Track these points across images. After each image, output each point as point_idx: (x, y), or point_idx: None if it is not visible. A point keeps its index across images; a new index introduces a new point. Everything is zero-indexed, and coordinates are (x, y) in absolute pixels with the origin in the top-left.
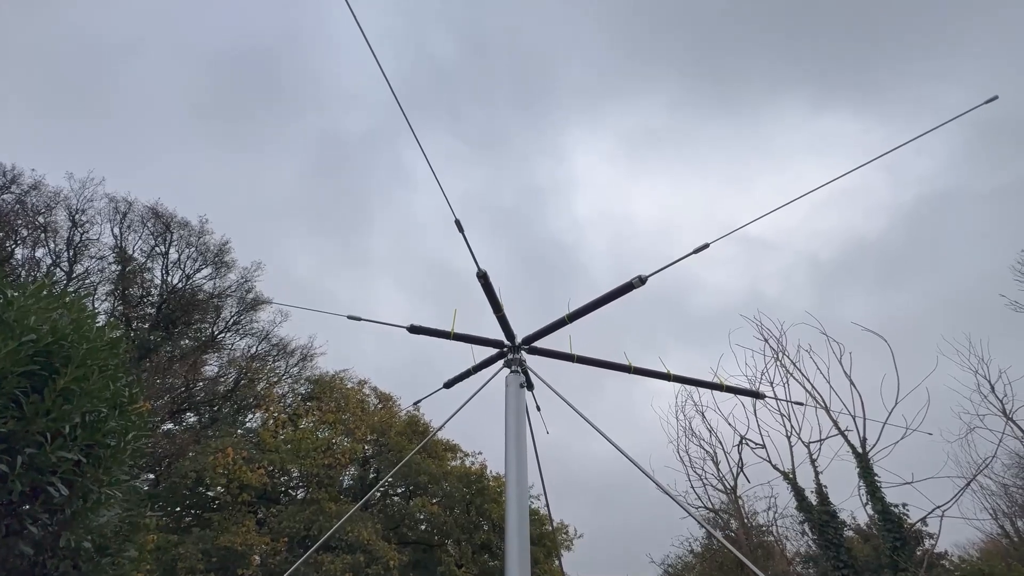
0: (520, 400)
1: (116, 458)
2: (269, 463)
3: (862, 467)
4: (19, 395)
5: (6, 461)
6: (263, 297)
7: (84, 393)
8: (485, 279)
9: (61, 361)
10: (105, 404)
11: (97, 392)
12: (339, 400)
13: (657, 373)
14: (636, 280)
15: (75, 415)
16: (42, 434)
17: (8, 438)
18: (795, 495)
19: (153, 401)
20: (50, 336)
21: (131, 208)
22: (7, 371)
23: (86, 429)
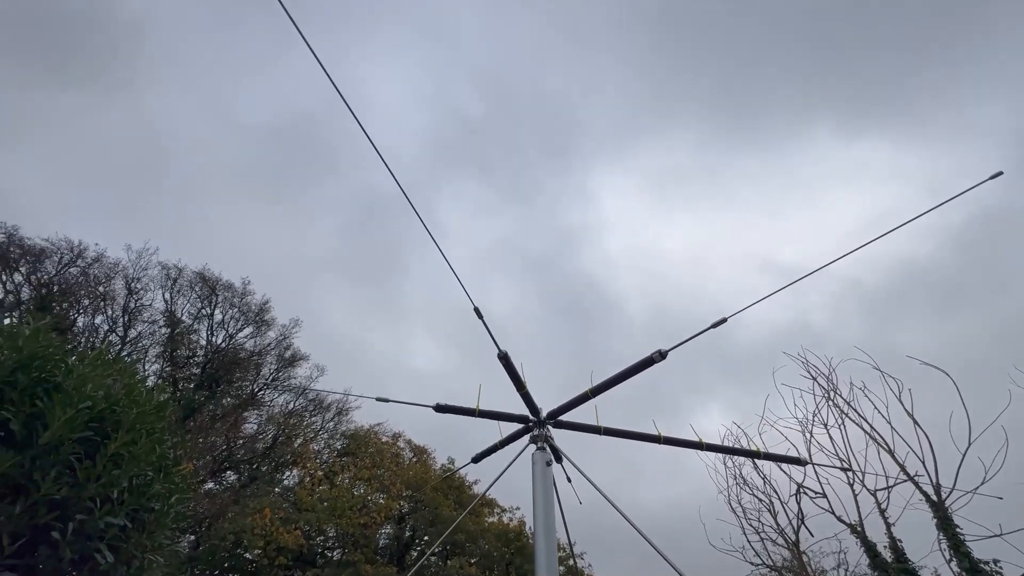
0: (547, 478)
1: (160, 522)
2: (306, 523)
3: (940, 517)
4: (73, 461)
5: (59, 528)
6: (301, 354)
7: (132, 457)
8: (506, 359)
9: (112, 426)
10: (151, 467)
11: (144, 456)
12: (374, 455)
13: (688, 443)
14: (656, 355)
15: (123, 480)
16: (92, 499)
17: (61, 504)
18: (866, 551)
19: (195, 461)
20: (104, 402)
21: (181, 274)
22: (64, 438)
23: (133, 493)
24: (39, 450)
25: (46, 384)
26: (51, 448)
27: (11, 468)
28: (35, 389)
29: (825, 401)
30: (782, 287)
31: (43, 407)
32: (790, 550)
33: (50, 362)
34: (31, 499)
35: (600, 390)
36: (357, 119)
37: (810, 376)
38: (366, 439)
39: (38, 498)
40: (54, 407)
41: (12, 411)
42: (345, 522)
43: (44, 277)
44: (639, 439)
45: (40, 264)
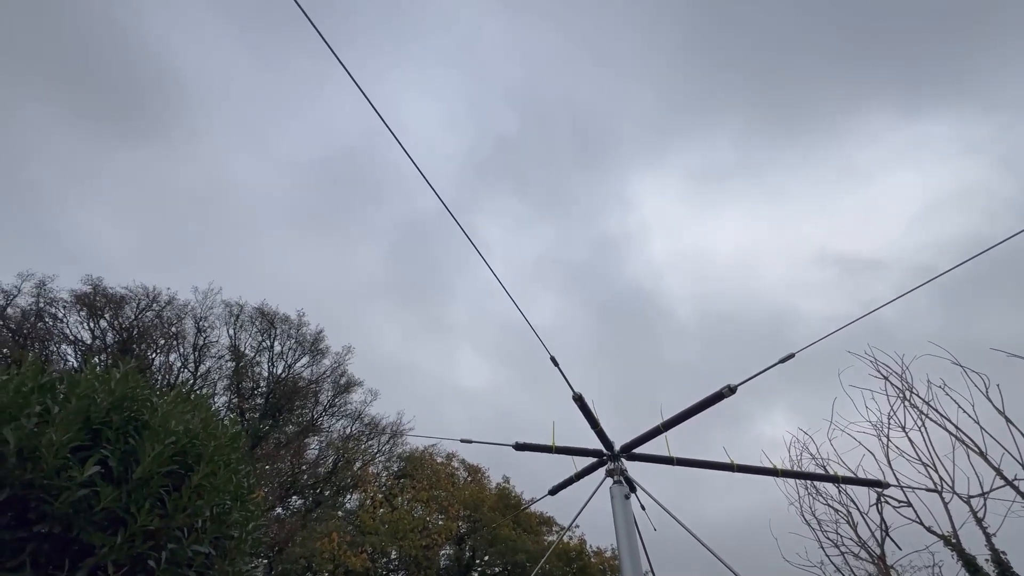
0: (627, 511)
1: (239, 548)
2: (370, 545)
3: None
4: (163, 493)
5: (154, 557)
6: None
7: (213, 488)
8: (581, 401)
9: (194, 459)
10: (229, 497)
11: (223, 486)
12: (430, 476)
13: (762, 469)
14: (726, 390)
15: (206, 509)
16: (180, 529)
17: (155, 535)
18: (964, 565)
19: (264, 488)
20: (185, 437)
21: (242, 310)
22: (154, 472)
23: (214, 522)
24: (134, 484)
25: (136, 422)
26: (143, 482)
27: (112, 502)
28: (127, 427)
29: (901, 402)
30: (848, 323)
31: (135, 444)
32: (876, 564)
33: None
34: (130, 530)
35: (671, 424)
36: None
37: (881, 376)
38: (421, 460)
39: (135, 529)
40: (144, 444)
41: (110, 449)
42: (408, 544)
43: (125, 322)
44: (713, 468)
45: (121, 310)
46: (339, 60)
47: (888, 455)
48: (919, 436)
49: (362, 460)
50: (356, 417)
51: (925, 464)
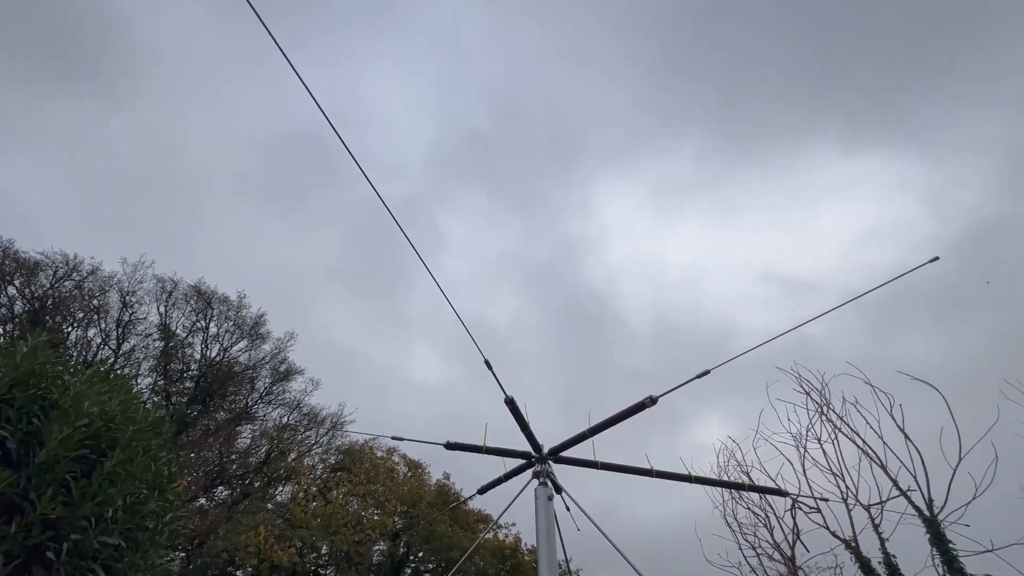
0: (549, 511)
1: (153, 540)
2: (299, 540)
3: (932, 532)
4: (69, 480)
5: (54, 548)
6: (295, 367)
7: (128, 476)
8: (512, 404)
9: (108, 444)
10: (146, 486)
11: (140, 474)
12: (368, 470)
13: (679, 476)
14: (648, 400)
15: (118, 498)
16: (87, 519)
17: (56, 524)
18: (860, 566)
19: (188, 477)
20: (100, 420)
21: (176, 287)
22: (61, 456)
23: (127, 512)
24: (35, 469)
25: (43, 402)
26: (47, 467)
27: (7, 487)
28: (32, 407)
29: (818, 416)
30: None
31: (40, 425)
32: (786, 565)
33: (47, 379)
34: (27, 519)
35: (596, 430)
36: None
37: (803, 391)
38: (360, 454)
39: (34, 518)
40: (51, 425)
41: (9, 429)
42: (339, 539)
43: (38, 291)
44: (633, 472)
45: (34, 277)
46: (272, 37)
47: (804, 465)
48: (832, 448)
49: (297, 451)
50: (294, 406)
51: (835, 474)
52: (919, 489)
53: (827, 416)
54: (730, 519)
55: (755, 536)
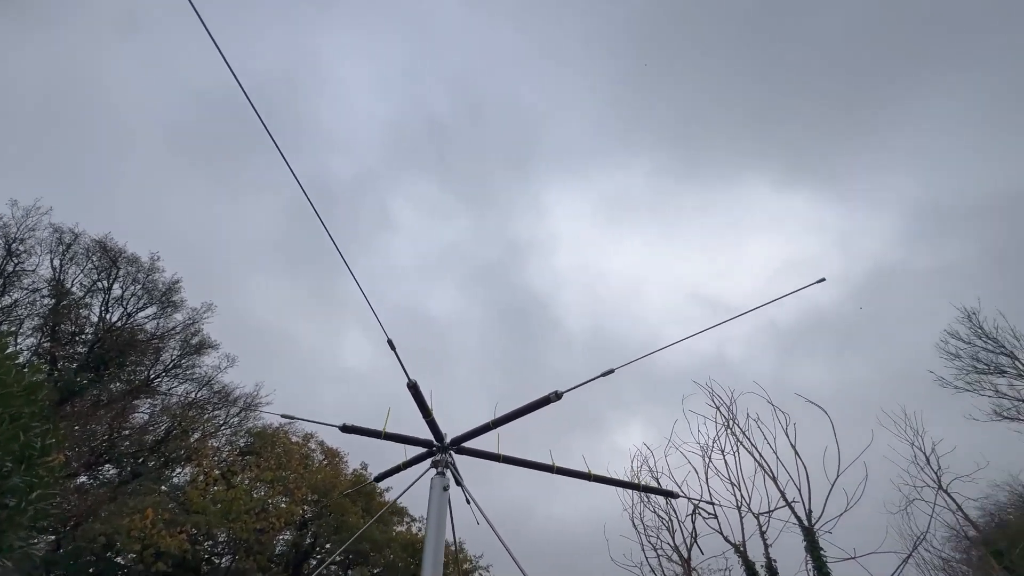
0: (443, 501)
1: (13, 520)
2: (193, 526)
3: (808, 540)
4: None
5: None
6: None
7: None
8: (415, 389)
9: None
10: (12, 457)
11: (4, 443)
12: (280, 456)
13: (578, 473)
14: (553, 395)
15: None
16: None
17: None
18: (746, 569)
19: (68, 452)
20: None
21: (77, 240)
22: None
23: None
24: None
25: None
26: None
27: None
28: None
29: (725, 429)
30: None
31: None
32: (682, 566)
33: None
34: None
35: (500, 422)
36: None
37: (714, 405)
38: (273, 438)
39: None
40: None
41: None
42: (239, 526)
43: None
44: (534, 468)
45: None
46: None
47: (707, 473)
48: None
49: (203, 431)
50: (204, 383)
51: (733, 484)
52: (802, 501)
53: (732, 430)
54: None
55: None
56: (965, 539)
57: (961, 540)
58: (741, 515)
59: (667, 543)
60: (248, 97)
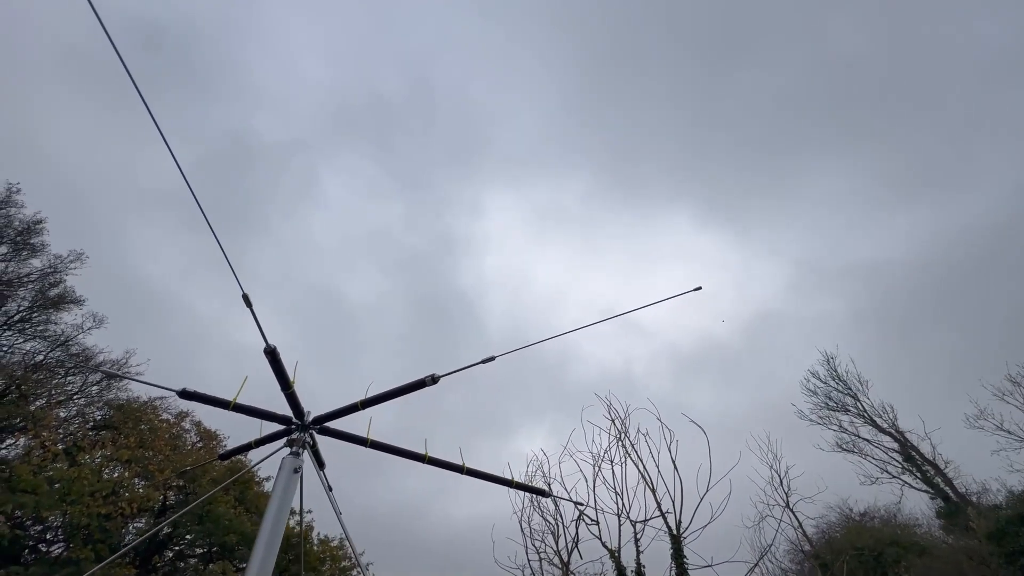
0: (291, 485)
1: None
2: (18, 508)
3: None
4: None
5: None
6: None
7: None
8: (273, 355)
9: None
10: None
11: None
12: (144, 433)
13: (451, 465)
14: (429, 379)
15: None
16: None
17: None
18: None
19: None
20: None
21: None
22: None
23: None
24: None
25: None
26: None
27: None
28: None
29: (616, 441)
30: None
31: None
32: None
33: None
34: None
35: (370, 403)
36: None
37: (609, 418)
38: (138, 413)
39: None
40: None
41: None
42: (79, 510)
43: None
44: (404, 456)
45: None
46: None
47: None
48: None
49: (49, 398)
50: (60, 343)
51: (617, 492)
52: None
53: (623, 442)
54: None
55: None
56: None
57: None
58: (620, 522)
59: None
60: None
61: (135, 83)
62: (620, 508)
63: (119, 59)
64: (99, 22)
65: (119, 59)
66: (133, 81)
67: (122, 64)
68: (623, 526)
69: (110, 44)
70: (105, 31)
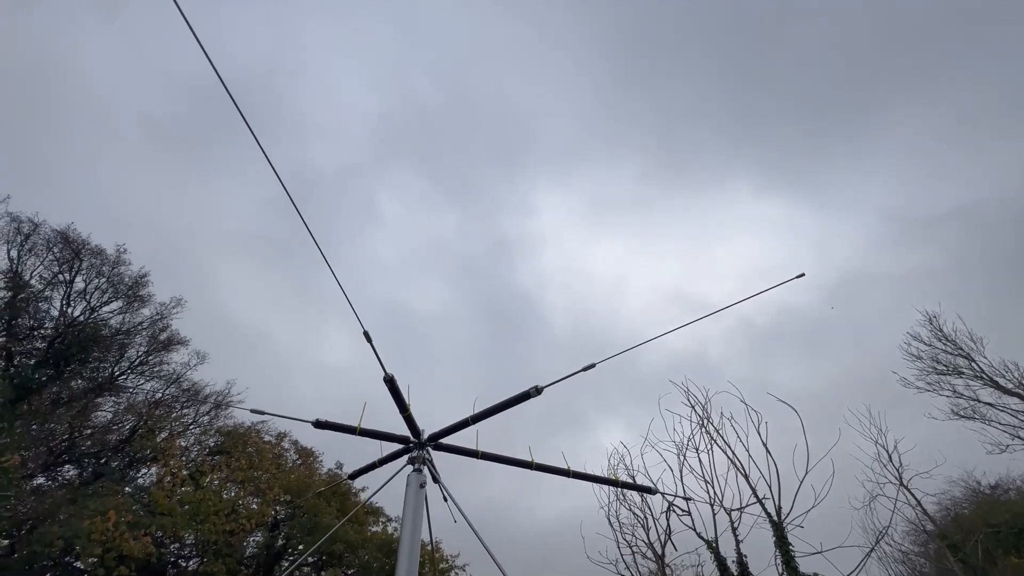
0: (419, 499)
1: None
2: (159, 528)
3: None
4: None
5: None
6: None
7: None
8: (392, 383)
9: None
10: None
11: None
12: (252, 455)
13: (557, 469)
14: (533, 390)
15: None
16: None
17: None
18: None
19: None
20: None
21: (36, 230)
22: None
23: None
24: None
25: None
26: None
27: None
28: None
29: (699, 428)
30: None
31: None
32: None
33: None
34: None
35: (480, 418)
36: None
37: (689, 404)
38: (245, 437)
39: None
40: None
41: None
42: (208, 528)
43: None
44: (513, 464)
45: None
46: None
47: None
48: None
49: (170, 430)
50: (173, 380)
51: (706, 481)
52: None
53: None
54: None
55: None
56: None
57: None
58: (714, 511)
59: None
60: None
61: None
62: (712, 497)
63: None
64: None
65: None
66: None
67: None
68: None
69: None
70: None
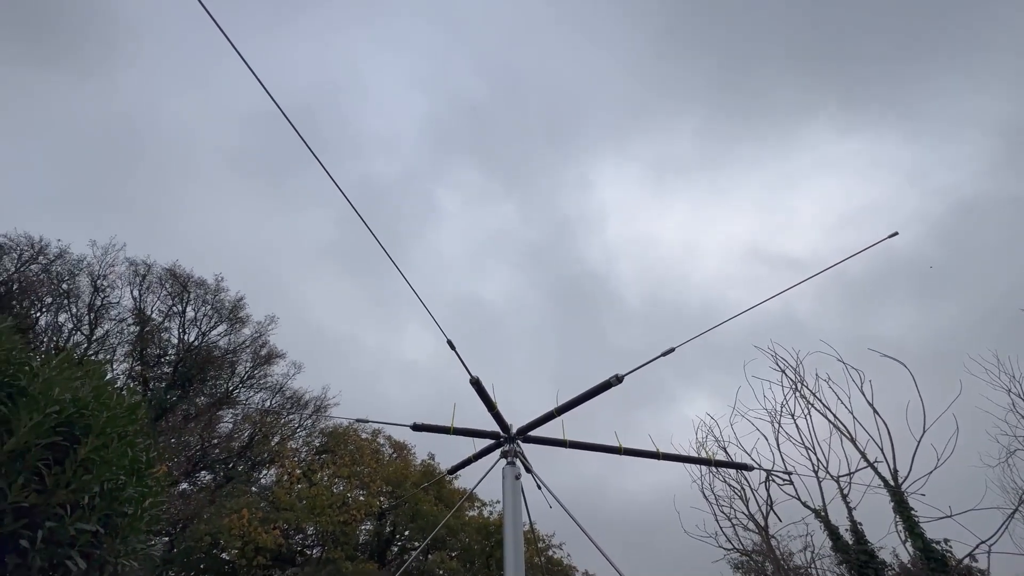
0: (516, 490)
1: (133, 526)
2: (284, 522)
3: (896, 501)
4: (41, 467)
5: (28, 536)
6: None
7: (104, 462)
8: (478, 384)
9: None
10: (123, 471)
11: (116, 460)
12: (353, 452)
13: (646, 453)
14: (614, 379)
15: (94, 485)
16: (62, 506)
17: (30, 512)
18: (829, 534)
19: (169, 462)
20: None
21: (150, 270)
22: (31, 444)
23: (104, 498)
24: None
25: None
26: (17, 455)
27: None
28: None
29: (793, 392)
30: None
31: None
32: (760, 535)
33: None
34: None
35: (564, 409)
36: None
37: (779, 368)
38: (345, 436)
39: (5, 506)
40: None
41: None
42: (324, 520)
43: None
44: (602, 451)
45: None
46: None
47: (778, 439)
48: (804, 423)
49: (280, 435)
50: (276, 390)
51: (807, 448)
52: (885, 460)
53: (801, 392)
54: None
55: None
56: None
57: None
58: (819, 479)
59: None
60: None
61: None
62: (815, 464)
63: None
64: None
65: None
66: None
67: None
68: (824, 483)
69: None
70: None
